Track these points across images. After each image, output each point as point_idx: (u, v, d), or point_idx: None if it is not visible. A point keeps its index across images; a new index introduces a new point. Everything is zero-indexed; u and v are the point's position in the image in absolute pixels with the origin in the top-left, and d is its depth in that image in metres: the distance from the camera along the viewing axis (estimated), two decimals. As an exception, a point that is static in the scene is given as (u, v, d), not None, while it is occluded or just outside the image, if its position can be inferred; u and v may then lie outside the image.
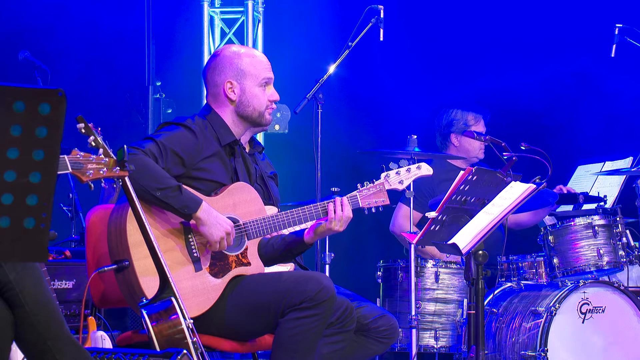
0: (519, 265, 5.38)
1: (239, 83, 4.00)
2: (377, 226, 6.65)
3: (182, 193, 3.69)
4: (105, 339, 3.74)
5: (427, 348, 5.29)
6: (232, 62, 4.01)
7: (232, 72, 4.00)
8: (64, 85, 2.29)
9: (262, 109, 4.03)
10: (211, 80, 4.04)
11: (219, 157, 3.94)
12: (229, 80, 3.99)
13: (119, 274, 3.67)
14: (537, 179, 4.10)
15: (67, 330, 2.94)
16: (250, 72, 4.01)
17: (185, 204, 3.69)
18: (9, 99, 2.21)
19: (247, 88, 4.00)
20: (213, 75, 4.03)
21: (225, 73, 4.00)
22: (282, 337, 3.71)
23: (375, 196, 4.02)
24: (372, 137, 6.95)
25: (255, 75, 4.01)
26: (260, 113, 4.03)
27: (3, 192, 2.22)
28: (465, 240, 3.86)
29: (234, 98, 3.99)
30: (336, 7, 7.05)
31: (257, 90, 4.01)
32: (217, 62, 4.04)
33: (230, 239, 3.77)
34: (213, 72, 4.04)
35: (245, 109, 4.01)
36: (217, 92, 4.02)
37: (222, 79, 4.01)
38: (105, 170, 2.87)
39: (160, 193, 3.66)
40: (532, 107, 6.98)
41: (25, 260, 3.21)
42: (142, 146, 3.74)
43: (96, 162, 2.84)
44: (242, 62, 4.01)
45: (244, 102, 4.00)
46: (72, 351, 2.92)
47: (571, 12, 6.80)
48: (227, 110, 4.01)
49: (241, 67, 4.00)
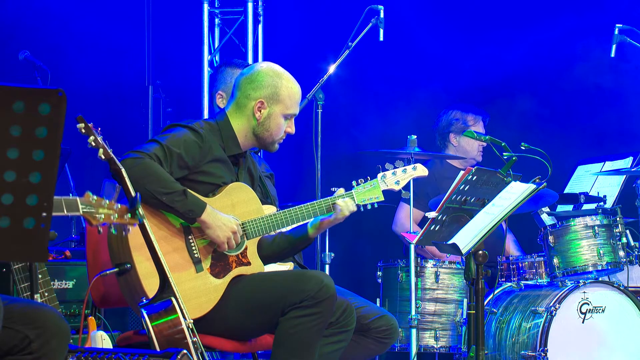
0: (519, 265, 5.39)
1: (269, 106, 3.97)
2: (377, 226, 6.65)
3: (187, 197, 3.70)
4: (105, 339, 3.74)
5: (427, 348, 5.30)
6: (272, 83, 3.97)
7: (268, 92, 3.96)
8: (64, 86, 2.29)
9: (277, 138, 4.02)
10: (244, 90, 3.99)
11: (224, 162, 3.94)
12: (262, 99, 3.96)
13: (121, 276, 3.68)
14: (537, 179, 4.09)
15: None
16: (284, 101, 3.98)
17: (190, 208, 3.70)
18: (9, 99, 2.21)
19: (274, 114, 3.98)
20: (248, 87, 3.99)
21: (261, 91, 3.97)
22: (282, 336, 3.72)
23: (370, 193, 4.04)
24: (372, 137, 6.94)
25: (287, 105, 3.99)
26: (273, 141, 4.02)
27: (3, 192, 2.22)
28: (465, 240, 3.86)
29: (258, 117, 3.97)
30: (336, 7, 7.04)
31: (280, 119, 3.99)
32: (257, 75, 3.99)
33: (237, 237, 3.80)
34: (250, 84, 3.99)
35: (263, 132, 3.99)
36: (245, 104, 3.98)
37: (257, 95, 3.96)
38: (116, 216, 2.84)
39: (166, 198, 3.66)
40: (532, 107, 6.98)
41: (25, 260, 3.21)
42: (147, 149, 3.73)
43: (108, 207, 2.82)
44: (282, 87, 3.98)
45: (265, 125, 3.98)
46: None
47: (571, 12, 6.79)
48: (245, 124, 3.98)
49: (278, 92, 3.97)
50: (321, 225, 3.98)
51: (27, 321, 2.80)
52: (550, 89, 7.00)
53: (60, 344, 2.84)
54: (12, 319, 2.79)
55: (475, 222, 3.91)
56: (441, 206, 4.06)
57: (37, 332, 2.79)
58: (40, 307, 2.93)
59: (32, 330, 2.79)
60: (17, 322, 2.80)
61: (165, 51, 7.18)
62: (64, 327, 2.85)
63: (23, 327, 2.80)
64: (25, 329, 2.79)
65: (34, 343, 2.79)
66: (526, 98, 7.00)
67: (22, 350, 2.79)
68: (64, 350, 2.87)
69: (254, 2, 7.00)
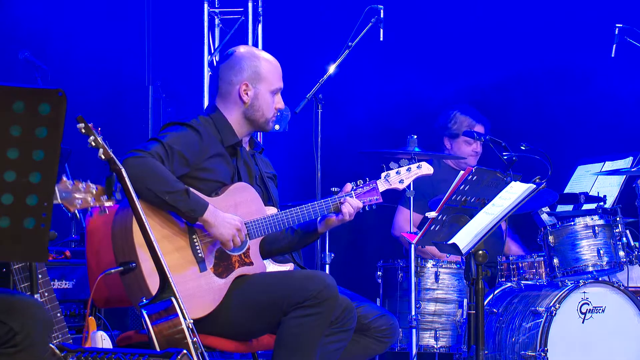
0: (519, 265, 5.38)
1: (254, 87, 4.00)
2: (376, 226, 6.65)
3: (189, 197, 3.71)
4: (105, 339, 3.74)
5: (427, 348, 5.30)
6: (251, 64, 4.01)
7: (249, 74, 4.00)
8: (64, 85, 2.29)
9: (270, 115, 4.05)
10: (225, 78, 4.03)
11: (223, 157, 3.96)
12: (246, 82, 4.00)
13: (125, 275, 3.67)
14: (537, 179, 4.09)
15: None
16: (267, 78, 4.02)
17: (192, 207, 3.71)
18: (9, 99, 2.21)
19: (261, 93, 4.01)
20: (229, 74, 4.03)
21: (242, 74, 4.01)
22: (284, 336, 3.72)
23: (369, 194, 4.04)
24: (372, 137, 6.94)
25: (270, 81, 4.02)
26: (267, 119, 4.05)
27: (3, 192, 2.22)
28: (465, 240, 3.86)
29: (246, 100, 4.00)
30: (336, 7, 7.04)
31: (268, 96, 4.02)
32: (234, 61, 4.03)
33: (242, 234, 3.81)
34: (229, 70, 4.03)
35: (255, 113, 4.02)
36: (230, 90, 4.02)
37: (238, 79, 4.00)
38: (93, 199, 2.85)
39: (169, 197, 3.67)
40: (531, 107, 6.98)
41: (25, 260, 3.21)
42: (148, 148, 3.74)
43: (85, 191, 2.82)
44: (261, 66, 4.02)
45: (254, 106, 4.01)
46: None
47: (571, 12, 6.79)
48: (235, 110, 4.02)
49: (259, 71, 4.01)
50: (328, 222, 4.01)
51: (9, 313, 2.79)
52: (550, 89, 7.00)
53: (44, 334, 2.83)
54: None
55: (475, 222, 3.91)
56: (441, 206, 4.06)
57: (20, 324, 2.78)
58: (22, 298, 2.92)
59: (15, 322, 2.78)
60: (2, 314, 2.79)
61: (165, 51, 7.17)
62: (47, 318, 2.85)
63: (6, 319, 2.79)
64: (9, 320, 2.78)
65: (18, 335, 2.78)
66: (526, 98, 7.00)
67: (6, 343, 2.78)
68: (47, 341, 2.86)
69: (254, 2, 7.00)
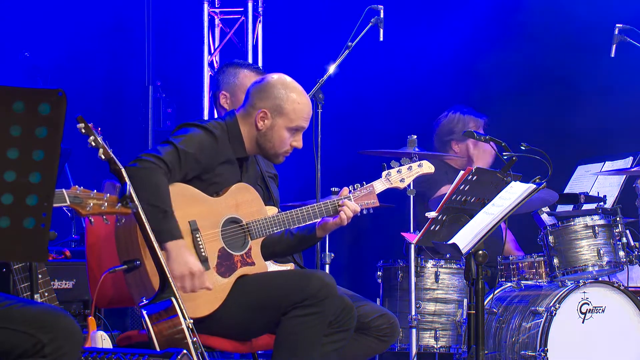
0: (519, 265, 5.38)
1: (272, 118, 3.94)
2: (376, 226, 6.65)
3: (166, 219, 3.61)
4: (105, 339, 3.74)
5: (427, 348, 5.29)
6: (278, 95, 3.93)
7: (272, 104, 3.93)
8: (64, 85, 2.29)
9: (280, 151, 3.98)
10: (251, 98, 3.98)
11: (232, 163, 3.95)
12: (265, 110, 3.93)
13: (129, 274, 3.66)
14: (537, 179, 4.09)
15: None
16: (289, 114, 3.93)
17: (163, 229, 3.59)
18: (9, 99, 2.21)
19: (277, 126, 3.94)
20: (255, 96, 3.97)
21: (266, 102, 3.94)
22: (284, 335, 3.73)
23: (366, 198, 4.04)
24: (372, 137, 6.94)
25: (291, 119, 3.94)
26: (276, 154, 3.99)
27: (3, 192, 2.22)
28: (465, 240, 3.86)
29: (261, 127, 3.94)
30: (336, 7, 7.04)
31: (284, 132, 3.95)
32: (265, 86, 3.97)
33: (196, 281, 3.63)
34: (257, 92, 3.97)
35: (265, 143, 3.96)
36: (250, 112, 3.97)
37: (260, 104, 3.94)
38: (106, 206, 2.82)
39: (150, 208, 3.54)
40: (532, 107, 6.98)
41: (25, 260, 3.21)
42: (160, 152, 3.70)
43: (96, 197, 2.80)
44: (287, 100, 3.94)
45: (267, 136, 3.95)
46: None
47: (571, 12, 6.79)
48: (249, 131, 3.97)
49: (282, 105, 3.93)
50: (325, 226, 4.00)
51: (40, 325, 2.79)
52: (550, 89, 7.00)
53: (73, 348, 2.82)
54: (26, 323, 2.77)
55: (475, 222, 3.91)
56: (441, 206, 4.06)
57: (50, 336, 2.77)
58: (53, 310, 2.91)
59: (45, 335, 2.77)
60: (30, 326, 2.78)
61: (165, 51, 7.18)
62: (76, 331, 2.84)
63: (36, 331, 2.78)
64: (38, 332, 2.78)
65: (47, 347, 2.77)
66: (526, 98, 7.00)
67: (35, 354, 2.78)
68: (77, 354, 2.86)
69: (254, 2, 7.01)
